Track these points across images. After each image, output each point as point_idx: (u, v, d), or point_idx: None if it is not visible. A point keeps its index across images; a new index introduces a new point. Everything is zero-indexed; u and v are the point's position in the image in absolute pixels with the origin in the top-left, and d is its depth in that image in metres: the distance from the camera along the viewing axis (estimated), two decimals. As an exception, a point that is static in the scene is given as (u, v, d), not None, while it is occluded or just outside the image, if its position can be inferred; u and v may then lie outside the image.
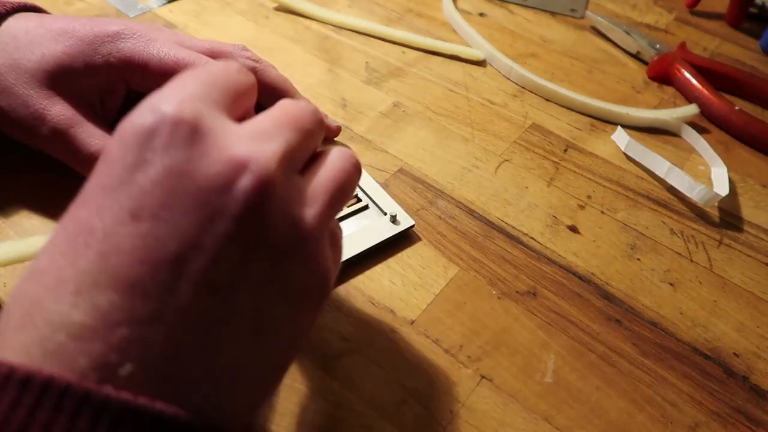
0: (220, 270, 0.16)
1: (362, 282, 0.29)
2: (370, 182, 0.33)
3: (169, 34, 0.31)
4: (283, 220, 0.18)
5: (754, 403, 0.27)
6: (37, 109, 0.28)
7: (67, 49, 0.28)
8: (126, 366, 0.14)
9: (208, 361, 0.16)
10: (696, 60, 0.46)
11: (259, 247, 0.17)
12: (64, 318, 0.15)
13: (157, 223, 0.16)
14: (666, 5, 0.55)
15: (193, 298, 0.16)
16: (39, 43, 0.29)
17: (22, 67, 0.28)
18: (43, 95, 0.28)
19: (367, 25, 0.46)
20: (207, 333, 0.16)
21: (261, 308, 0.17)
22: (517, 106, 0.41)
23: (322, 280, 0.19)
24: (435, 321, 0.28)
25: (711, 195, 0.34)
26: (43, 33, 0.29)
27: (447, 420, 0.25)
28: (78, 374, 0.14)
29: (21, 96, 0.28)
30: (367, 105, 0.39)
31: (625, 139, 0.38)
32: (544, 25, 0.50)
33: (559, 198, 0.35)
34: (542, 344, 0.28)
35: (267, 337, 0.18)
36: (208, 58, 0.29)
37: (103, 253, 0.15)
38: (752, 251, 0.34)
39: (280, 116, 0.20)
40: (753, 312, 0.31)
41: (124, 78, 0.30)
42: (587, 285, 0.31)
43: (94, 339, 0.15)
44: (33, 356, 0.14)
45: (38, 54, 0.28)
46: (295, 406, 0.24)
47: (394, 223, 0.31)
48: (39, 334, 0.15)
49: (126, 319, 0.15)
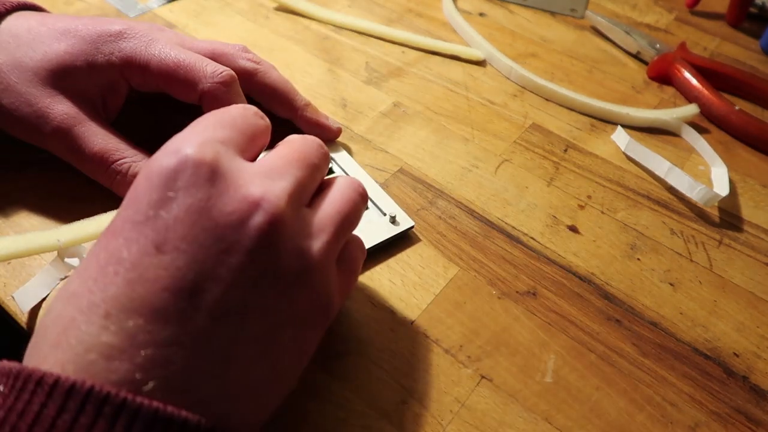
0: (233, 298, 0.18)
1: (362, 282, 0.29)
2: (369, 183, 0.33)
3: (171, 34, 0.31)
4: (292, 253, 0.19)
5: (754, 403, 0.27)
6: (40, 108, 0.28)
7: (69, 48, 0.28)
8: (149, 383, 0.16)
9: (221, 378, 0.18)
10: (696, 60, 0.46)
11: (268, 277, 0.19)
12: (94, 339, 0.16)
13: (178, 255, 0.17)
14: (666, 5, 0.55)
15: (208, 323, 0.17)
16: (41, 41, 0.29)
17: (24, 66, 0.28)
18: (45, 94, 0.28)
19: (367, 25, 0.46)
20: (220, 354, 0.18)
21: (268, 332, 0.19)
22: (517, 106, 0.41)
23: (325, 306, 0.21)
24: (435, 321, 0.28)
25: (711, 195, 0.34)
26: (45, 31, 0.29)
27: (447, 420, 0.25)
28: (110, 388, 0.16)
29: (23, 94, 0.28)
30: (367, 105, 0.39)
31: (625, 139, 0.38)
32: (544, 25, 0.50)
33: (559, 198, 0.35)
34: (542, 344, 0.28)
35: (273, 357, 0.19)
36: (209, 60, 0.29)
37: (130, 281, 0.17)
38: (752, 251, 0.34)
39: (289, 154, 0.22)
40: (753, 312, 0.31)
41: (125, 77, 0.30)
42: (587, 285, 0.31)
43: (122, 358, 0.16)
44: (67, 371, 0.16)
45: (40, 52, 0.28)
46: (296, 406, 0.24)
47: (394, 223, 0.31)
48: (73, 352, 0.16)
49: (150, 341, 0.16)
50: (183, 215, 0.18)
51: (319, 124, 0.35)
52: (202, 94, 0.29)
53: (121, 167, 0.28)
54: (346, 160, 0.35)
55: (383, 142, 0.37)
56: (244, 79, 0.32)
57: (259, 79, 0.33)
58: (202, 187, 0.18)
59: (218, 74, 0.29)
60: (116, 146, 0.28)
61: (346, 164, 0.34)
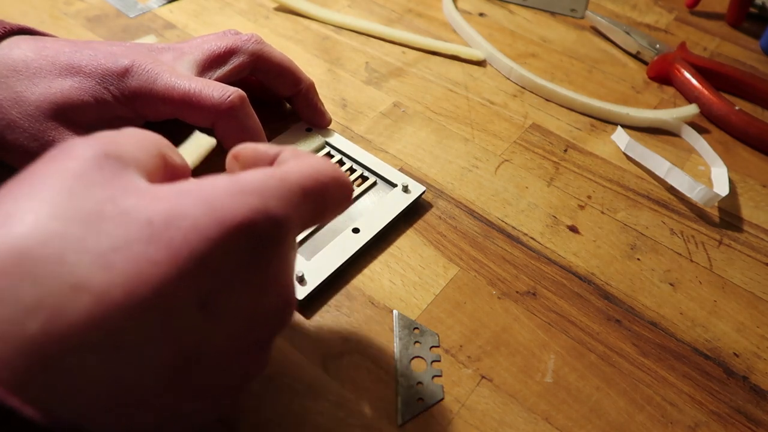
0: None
1: (362, 282, 0.29)
2: (370, 159, 0.34)
3: (175, 54, 0.31)
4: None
5: (754, 403, 0.27)
6: (48, 141, 0.27)
7: (76, 84, 0.28)
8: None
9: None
10: (696, 60, 0.46)
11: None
12: None
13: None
14: (666, 5, 0.55)
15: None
16: (42, 76, 0.28)
17: (25, 100, 0.27)
18: (50, 127, 0.27)
19: (367, 25, 0.46)
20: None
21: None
22: (517, 106, 0.41)
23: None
24: (435, 321, 0.28)
25: (711, 195, 0.34)
26: (46, 66, 0.28)
27: (447, 420, 0.25)
28: None
29: (27, 129, 0.27)
30: (367, 105, 0.39)
31: (625, 139, 0.38)
32: (544, 25, 0.50)
33: (559, 198, 0.35)
34: (542, 344, 0.28)
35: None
36: (215, 85, 0.29)
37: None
38: (752, 251, 0.34)
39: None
40: (753, 312, 0.31)
41: (136, 111, 0.29)
42: (587, 285, 0.31)
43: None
44: None
45: (43, 87, 0.28)
46: (296, 406, 0.24)
47: (407, 192, 0.32)
48: None
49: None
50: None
51: (317, 110, 0.36)
52: (214, 121, 0.29)
53: None
54: (340, 140, 0.35)
55: (383, 142, 0.37)
56: (253, 61, 0.33)
57: (266, 59, 0.33)
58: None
59: (227, 99, 0.29)
60: None
61: (341, 144, 0.35)
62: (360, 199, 0.33)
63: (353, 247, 0.29)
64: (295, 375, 0.25)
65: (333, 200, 0.21)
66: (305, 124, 0.36)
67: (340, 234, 0.30)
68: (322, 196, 0.20)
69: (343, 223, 0.31)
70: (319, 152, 0.35)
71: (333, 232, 0.31)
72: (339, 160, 0.34)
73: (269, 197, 0.18)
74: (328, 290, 0.29)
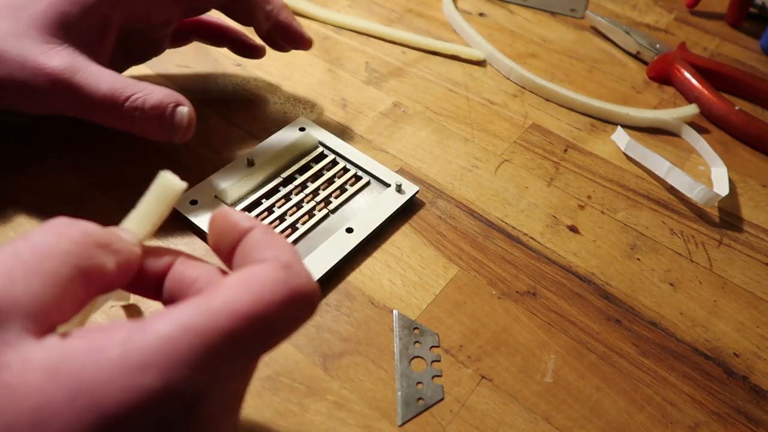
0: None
1: (362, 282, 0.29)
2: (364, 158, 0.34)
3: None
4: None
5: (754, 403, 0.27)
6: (36, 66, 0.26)
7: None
8: None
9: None
10: (696, 60, 0.46)
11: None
12: None
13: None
14: (666, 5, 0.55)
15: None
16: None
17: (21, 18, 0.26)
18: (37, 51, 0.26)
19: (367, 25, 0.46)
20: None
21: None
22: (517, 106, 0.41)
23: None
24: (435, 321, 0.28)
25: (711, 195, 0.34)
26: None
27: (447, 420, 0.25)
28: None
29: (15, 58, 0.26)
30: (367, 105, 0.39)
31: (625, 139, 0.38)
32: (544, 25, 0.50)
33: (559, 198, 0.35)
34: (542, 344, 0.28)
35: None
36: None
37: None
38: (752, 251, 0.34)
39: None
40: (753, 312, 0.31)
41: (117, 8, 0.28)
42: (587, 285, 0.31)
43: None
44: None
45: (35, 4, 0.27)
46: (295, 407, 0.24)
47: (400, 192, 0.32)
48: None
49: None
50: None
51: (299, 33, 0.34)
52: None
53: (136, 102, 0.26)
54: (334, 140, 0.35)
55: (383, 142, 0.37)
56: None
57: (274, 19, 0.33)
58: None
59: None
60: (124, 83, 0.27)
61: (334, 144, 0.35)
62: (353, 198, 0.33)
63: (347, 247, 0.29)
64: (295, 375, 0.25)
65: (285, 323, 0.17)
66: (298, 123, 0.36)
67: (334, 234, 0.30)
68: (267, 327, 0.16)
69: (336, 222, 0.31)
70: (313, 151, 0.34)
71: (327, 231, 0.31)
72: (333, 160, 0.34)
73: (177, 365, 0.14)
74: (328, 290, 0.29)
